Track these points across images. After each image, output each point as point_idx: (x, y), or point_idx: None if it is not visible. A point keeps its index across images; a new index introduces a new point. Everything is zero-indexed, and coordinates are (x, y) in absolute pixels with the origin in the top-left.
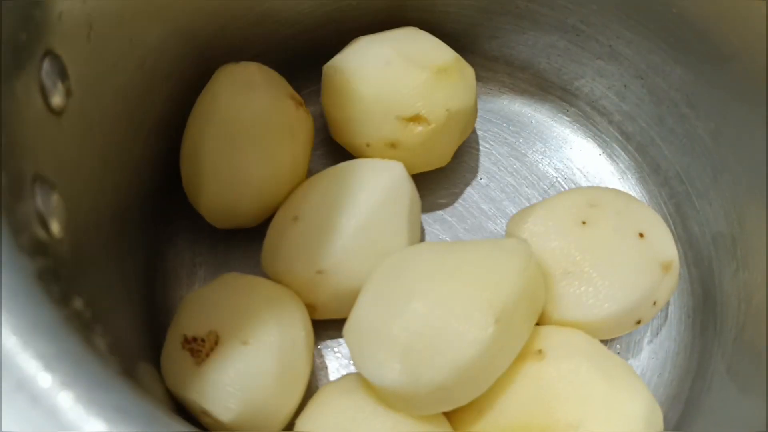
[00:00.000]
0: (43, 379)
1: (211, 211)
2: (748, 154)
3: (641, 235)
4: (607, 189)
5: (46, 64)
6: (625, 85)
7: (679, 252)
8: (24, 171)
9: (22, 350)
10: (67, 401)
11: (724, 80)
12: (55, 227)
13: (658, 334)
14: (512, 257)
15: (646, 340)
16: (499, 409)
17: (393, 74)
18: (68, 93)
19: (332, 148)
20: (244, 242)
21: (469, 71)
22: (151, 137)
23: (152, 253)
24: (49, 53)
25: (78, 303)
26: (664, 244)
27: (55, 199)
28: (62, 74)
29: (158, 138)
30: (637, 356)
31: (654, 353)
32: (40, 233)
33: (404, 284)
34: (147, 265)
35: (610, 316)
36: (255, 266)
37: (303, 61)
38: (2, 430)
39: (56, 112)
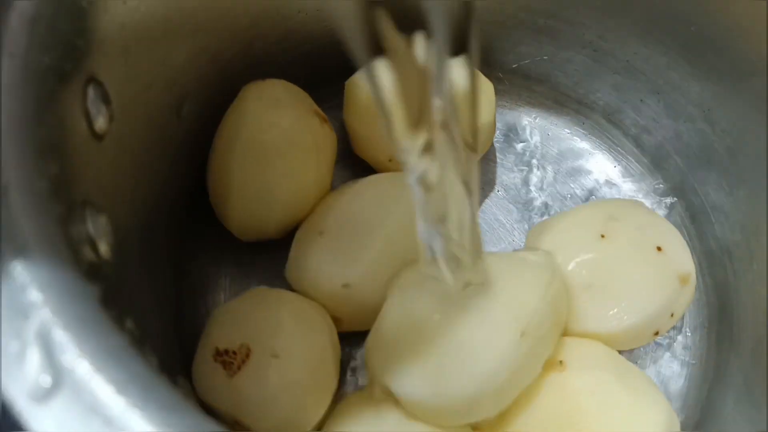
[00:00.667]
0: (116, 402)
1: (238, 225)
2: (765, 168)
3: (659, 248)
4: (625, 201)
5: (90, 91)
6: (641, 100)
7: (695, 264)
8: (75, 197)
9: (95, 375)
10: (139, 424)
11: (742, 96)
12: (104, 249)
13: (675, 344)
14: (537, 271)
15: (663, 350)
16: (524, 421)
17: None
18: (111, 117)
19: (352, 162)
20: (268, 253)
21: (488, 88)
22: (179, 155)
23: (178, 268)
24: (92, 80)
25: (129, 324)
26: (682, 257)
27: (102, 221)
28: (105, 99)
29: (185, 155)
30: (654, 366)
31: (671, 363)
32: (92, 257)
33: (428, 299)
34: (174, 280)
35: (629, 329)
36: (279, 277)
37: (323, 76)
38: None
39: (99, 137)
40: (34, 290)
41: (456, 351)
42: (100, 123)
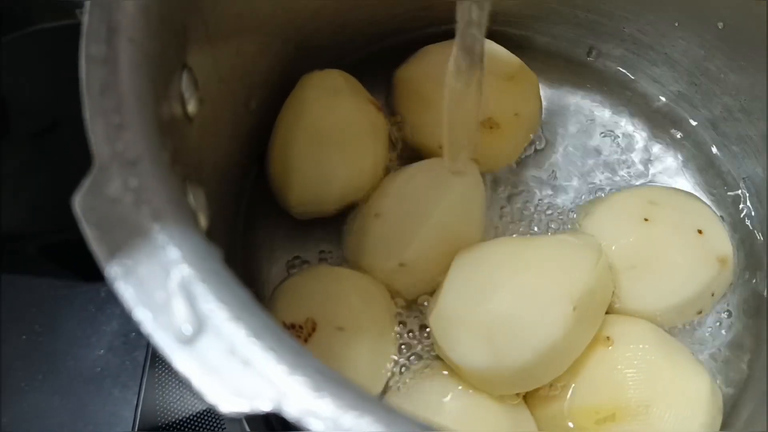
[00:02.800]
0: (253, 345)
1: (297, 205)
2: None
3: (700, 231)
4: (666, 188)
5: (185, 76)
6: (679, 91)
7: (734, 244)
8: (182, 170)
9: (233, 321)
10: (273, 364)
11: None
12: (203, 221)
13: (717, 321)
14: (585, 252)
15: (705, 326)
16: (572, 391)
17: None
18: (200, 101)
19: (402, 147)
20: (321, 228)
21: (533, 78)
22: (245, 139)
23: (241, 242)
24: (185, 66)
25: None
26: (721, 240)
27: (201, 194)
28: (195, 84)
29: (251, 140)
30: (697, 341)
31: (713, 338)
32: (201, 225)
33: (488, 275)
34: (242, 258)
35: (671, 308)
36: (332, 251)
37: (372, 66)
38: (221, 390)
39: (189, 119)
40: (172, 248)
41: (513, 324)
42: (192, 106)
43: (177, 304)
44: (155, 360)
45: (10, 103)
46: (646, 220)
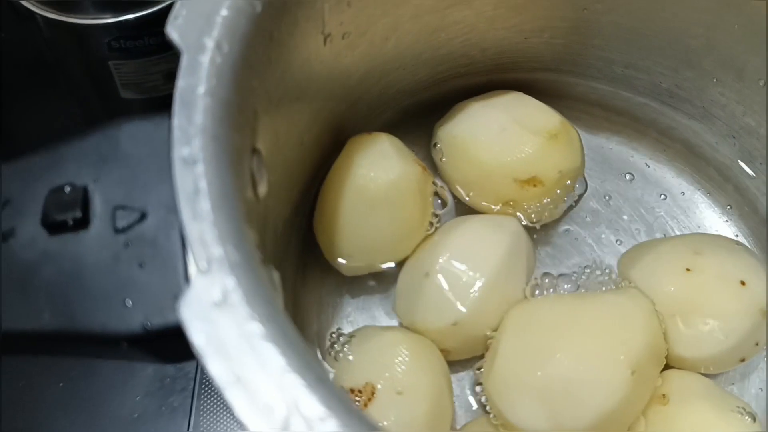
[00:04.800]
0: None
1: (345, 266)
2: None
3: (743, 283)
4: (711, 236)
5: (255, 160)
6: (717, 142)
7: None
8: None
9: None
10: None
11: None
12: (279, 304)
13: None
14: (639, 313)
15: (759, 375)
16: None
17: (509, 140)
18: (269, 182)
19: (447, 203)
20: (369, 284)
21: (574, 134)
22: (297, 201)
23: (289, 304)
24: (255, 150)
25: None
26: (765, 292)
27: (276, 277)
28: (263, 166)
29: (301, 202)
30: (751, 391)
31: (764, 385)
32: None
33: (543, 337)
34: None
35: (710, 356)
36: (379, 306)
37: (412, 121)
38: None
39: (259, 200)
40: (278, 356)
41: (571, 389)
42: (262, 188)
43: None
44: (199, 406)
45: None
46: (688, 270)
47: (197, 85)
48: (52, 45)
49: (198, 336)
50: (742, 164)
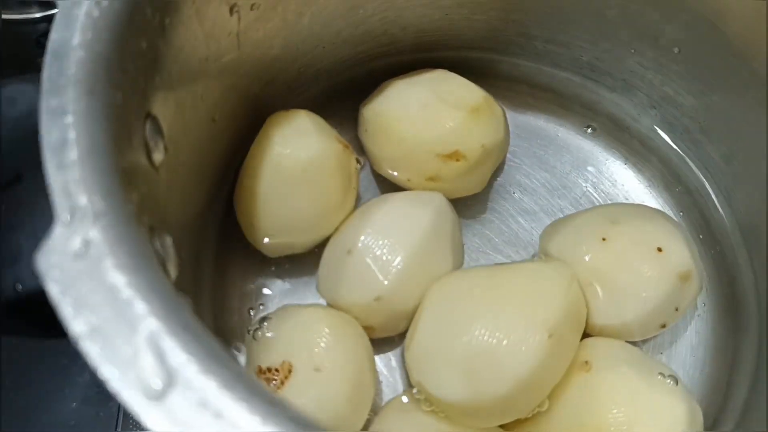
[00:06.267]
0: (224, 397)
1: (267, 245)
2: (759, 171)
3: (659, 249)
4: (628, 205)
5: (149, 125)
6: (638, 114)
7: (705, 255)
8: (146, 223)
9: (203, 374)
10: (246, 416)
11: (736, 108)
12: (172, 271)
13: (695, 334)
14: (557, 279)
15: (684, 340)
16: (553, 418)
17: (431, 116)
18: (165, 149)
19: (370, 178)
20: (291, 265)
21: (498, 109)
22: (213, 181)
23: (210, 287)
24: (149, 115)
25: None
26: (682, 257)
27: (168, 242)
28: (160, 133)
29: (218, 182)
30: (677, 356)
31: (693, 352)
32: (170, 275)
33: (462, 308)
34: (212, 297)
35: (629, 322)
36: (304, 287)
37: (337, 101)
38: None
39: (155, 168)
40: (139, 302)
41: (489, 355)
42: (157, 155)
43: (145, 359)
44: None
45: None
46: (604, 239)
47: (71, 38)
48: None
49: (53, 286)
50: (663, 134)
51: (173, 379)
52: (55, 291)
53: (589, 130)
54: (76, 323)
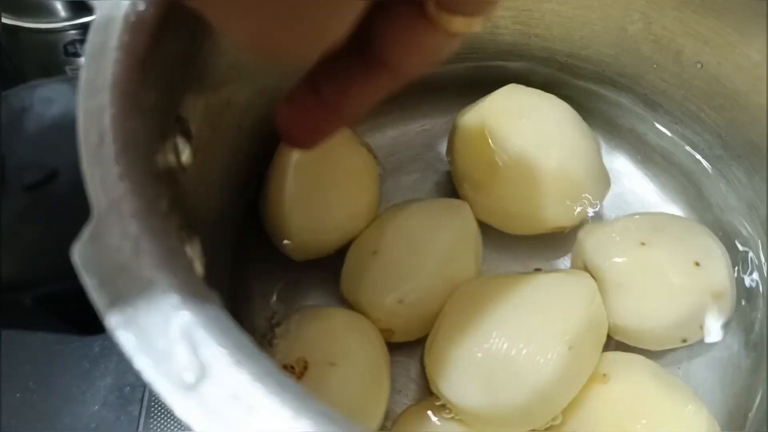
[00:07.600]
0: (256, 390)
1: (293, 249)
2: None
3: (697, 263)
4: (674, 216)
5: (178, 127)
6: (660, 128)
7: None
8: (175, 222)
9: (235, 367)
10: (279, 408)
11: (756, 126)
12: (199, 269)
13: (716, 353)
14: (580, 290)
15: (703, 359)
16: (569, 429)
17: None
18: (194, 152)
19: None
20: (318, 269)
21: None
22: (239, 187)
23: (230, 290)
24: (179, 118)
25: None
26: (719, 276)
27: (197, 242)
28: (189, 135)
29: (245, 187)
30: (696, 375)
31: (711, 371)
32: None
33: (484, 315)
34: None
35: (651, 329)
36: (328, 291)
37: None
38: None
39: (183, 169)
40: (173, 294)
41: (508, 363)
42: (186, 156)
43: (179, 351)
44: (150, 415)
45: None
46: (643, 244)
47: (109, 40)
48: None
49: (90, 278)
50: (686, 148)
51: (206, 371)
52: (91, 283)
53: (613, 145)
54: (112, 314)
